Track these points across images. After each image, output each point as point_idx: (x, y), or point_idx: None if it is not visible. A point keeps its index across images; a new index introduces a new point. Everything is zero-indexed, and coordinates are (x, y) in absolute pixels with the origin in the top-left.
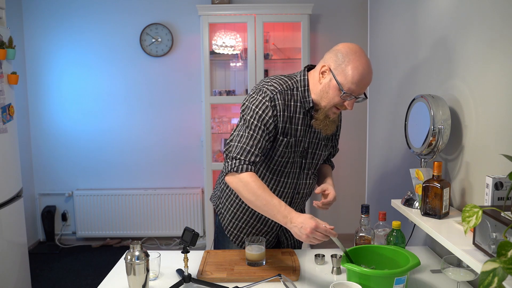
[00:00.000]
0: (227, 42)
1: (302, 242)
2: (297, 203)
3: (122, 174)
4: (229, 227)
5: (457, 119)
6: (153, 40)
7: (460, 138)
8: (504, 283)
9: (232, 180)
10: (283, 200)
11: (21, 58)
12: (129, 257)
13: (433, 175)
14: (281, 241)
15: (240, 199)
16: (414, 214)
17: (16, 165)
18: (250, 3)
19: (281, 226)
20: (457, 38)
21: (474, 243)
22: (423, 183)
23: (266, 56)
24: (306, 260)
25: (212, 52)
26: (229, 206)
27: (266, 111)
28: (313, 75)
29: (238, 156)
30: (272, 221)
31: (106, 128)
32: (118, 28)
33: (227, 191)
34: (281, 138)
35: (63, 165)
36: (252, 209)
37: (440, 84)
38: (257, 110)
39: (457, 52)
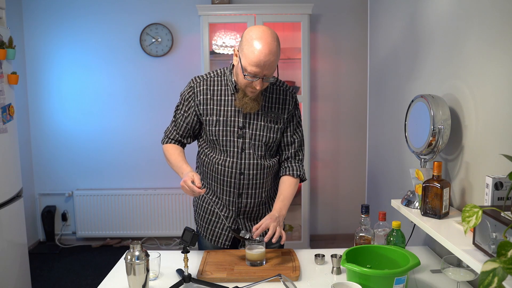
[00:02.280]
0: (227, 42)
1: (263, 234)
2: (248, 186)
3: (122, 174)
4: (200, 222)
5: (457, 119)
6: (153, 40)
7: (460, 138)
8: (504, 283)
9: (163, 150)
10: (229, 180)
11: (21, 58)
12: (129, 257)
13: (433, 175)
14: (240, 230)
15: (204, 186)
16: (414, 214)
17: (16, 165)
18: (250, 3)
19: (238, 212)
20: (457, 38)
21: (474, 243)
22: (423, 183)
23: None
24: (306, 260)
25: (212, 52)
26: (198, 201)
27: (186, 98)
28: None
29: (164, 134)
30: (227, 200)
31: (106, 128)
32: (118, 28)
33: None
34: (209, 118)
35: (63, 165)
36: (208, 199)
37: (440, 84)
38: (181, 98)
39: (457, 52)
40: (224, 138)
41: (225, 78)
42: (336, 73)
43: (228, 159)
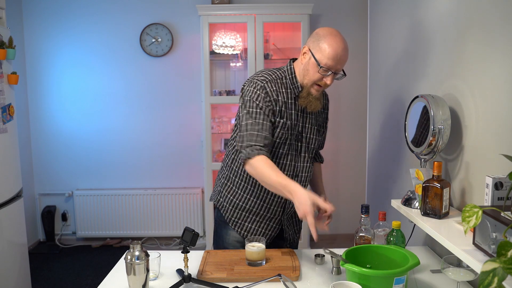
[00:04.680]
0: (227, 42)
1: (298, 231)
2: (274, 217)
3: (122, 174)
4: (233, 218)
5: (457, 119)
6: (153, 40)
7: (460, 138)
8: (504, 283)
9: (248, 168)
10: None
11: (21, 58)
12: (129, 257)
13: (433, 175)
14: (284, 229)
15: (242, 189)
16: (414, 214)
17: (16, 165)
18: (250, 3)
19: (283, 212)
20: (457, 38)
21: (474, 243)
22: (423, 183)
23: (266, 56)
24: (306, 260)
25: (212, 52)
26: (231, 198)
27: (260, 99)
28: (297, 63)
29: (250, 143)
30: (274, 206)
31: (106, 128)
32: (118, 28)
33: (228, 184)
34: (278, 119)
35: (63, 165)
36: (254, 198)
37: (440, 84)
38: (253, 99)
39: (457, 52)
40: (288, 142)
41: (287, 80)
42: None
43: (285, 162)
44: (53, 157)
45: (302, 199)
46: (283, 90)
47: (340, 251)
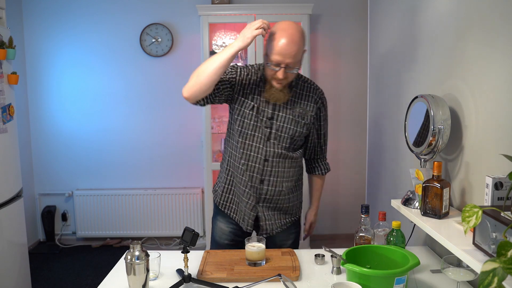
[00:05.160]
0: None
1: (280, 227)
2: (270, 173)
3: (122, 174)
4: (222, 202)
5: (457, 119)
6: (153, 40)
7: (460, 138)
8: (504, 283)
9: (186, 86)
10: (254, 165)
11: (21, 58)
12: (129, 257)
13: (433, 175)
14: (258, 216)
15: (226, 172)
16: (414, 214)
17: (16, 165)
18: (250, 3)
19: (257, 198)
20: (457, 38)
21: (474, 243)
22: (423, 183)
23: None
24: (306, 260)
25: (212, 52)
26: (222, 184)
27: (237, 68)
28: None
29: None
30: (247, 188)
31: (106, 128)
32: (118, 28)
33: (220, 171)
34: (245, 100)
35: (63, 165)
36: (233, 178)
37: (440, 84)
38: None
39: (457, 52)
40: (254, 123)
41: (260, 70)
42: (336, 73)
43: (254, 144)
44: (53, 157)
45: (244, 30)
46: (255, 77)
47: (340, 251)
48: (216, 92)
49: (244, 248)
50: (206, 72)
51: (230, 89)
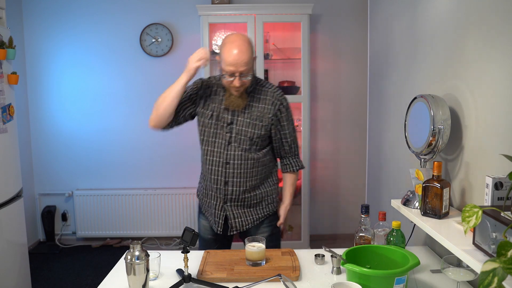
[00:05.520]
0: None
1: (251, 222)
2: (233, 174)
3: (122, 174)
4: (201, 203)
5: (457, 119)
6: (153, 40)
7: (460, 138)
8: (504, 283)
9: (152, 115)
10: (216, 169)
11: (21, 58)
12: (129, 257)
13: (433, 175)
14: (227, 215)
15: (201, 176)
16: (414, 214)
17: (16, 165)
18: (250, 3)
19: (223, 200)
20: (457, 38)
21: (474, 243)
22: (423, 183)
23: (266, 56)
24: (306, 260)
25: (212, 52)
26: (200, 188)
27: (192, 85)
28: None
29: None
30: (214, 192)
31: (106, 128)
32: (118, 28)
33: (201, 179)
34: (204, 110)
35: (63, 165)
36: (204, 182)
37: (440, 84)
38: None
39: (457, 52)
40: (214, 131)
41: (219, 81)
42: (336, 73)
43: (215, 149)
44: (53, 157)
45: (188, 63)
46: (215, 88)
47: (340, 251)
48: (179, 116)
49: (244, 248)
50: (162, 105)
51: (192, 106)
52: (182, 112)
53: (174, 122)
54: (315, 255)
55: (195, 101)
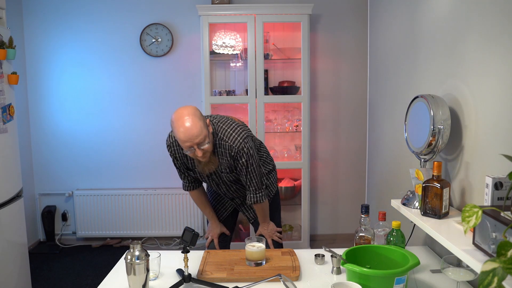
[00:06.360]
0: (227, 42)
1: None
2: (234, 195)
3: (122, 174)
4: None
5: (457, 119)
6: (153, 40)
7: (460, 138)
8: (504, 283)
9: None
10: (220, 195)
11: (21, 58)
12: (129, 257)
13: (433, 175)
14: (239, 210)
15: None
16: (414, 214)
17: (16, 165)
18: (250, 3)
19: (233, 205)
20: (457, 38)
21: (474, 243)
22: (423, 183)
23: (266, 56)
24: (306, 260)
25: (212, 52)
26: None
27: (170, 154)
28: None
29: (182, 182)
30: (225, 201)
31: (106, 128)
32: (118, 28)
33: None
34: (191, 172)
35: (63, 165)
36: (211, 195)
37: (440, 84)
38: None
39: (457, 52)
40: (202, 179)
41: (178, 146)
42: (336, 73)
43: (210, 189)
44: (53, 157)
45: (212, 226)
46: (185, 158)
47: (340, 251)
48: (191, 176)
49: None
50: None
51: (185, 170)
52: (187, 175)
53: (195, 181)
54: (315, 255)
55: (180, 166)
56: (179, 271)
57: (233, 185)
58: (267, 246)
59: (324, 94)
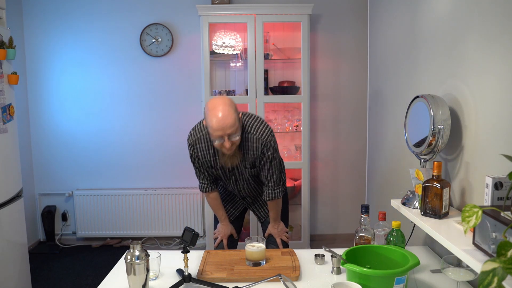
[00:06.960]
0: (227, 42)
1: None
2: (246, 194)
3: (122, 174)
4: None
5: (457, 119)
6: (153, 40)
7: (460, 138)
8: (504, 283)
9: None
10: (234, 194)
11: (21, 58)
12: (129, 257)
13: (433, 175)
14: (250, 210)
15: (221, 187)
16: (414, 214)
17: (16, 165)
18: (250, 3)
19: (242, 199)
20: (457, 38)
21: (474, 243)
22: (423, 183)
23: (266, 56)
24: (306, 260)
25: (212, 52)
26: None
27: (190, 153)
28: None
29: (199, 182)
30: (236, 201)
31: (106, 128)
32: (118, 28)
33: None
34: (211, 169)
35: (63, 165)
36: (223, 194)
37: (440, 84)
38: (189, 151)
39: (457, 52)
40: (221, 177)
41: (211, 145)
42: (336, 73)
43: (229, 185)
44: (53, 157)
45: (223, 227)
46: (204, 145)
47: (340, 251)
48: (209, 174)
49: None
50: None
51: (206, 168)
52: (207, 173)
53: (213, 182)
54: (315, 255)
55: (201, 165)
56: (179, 271)
57: (251, 181)
58: (276, 245)
59: (324, 94)
